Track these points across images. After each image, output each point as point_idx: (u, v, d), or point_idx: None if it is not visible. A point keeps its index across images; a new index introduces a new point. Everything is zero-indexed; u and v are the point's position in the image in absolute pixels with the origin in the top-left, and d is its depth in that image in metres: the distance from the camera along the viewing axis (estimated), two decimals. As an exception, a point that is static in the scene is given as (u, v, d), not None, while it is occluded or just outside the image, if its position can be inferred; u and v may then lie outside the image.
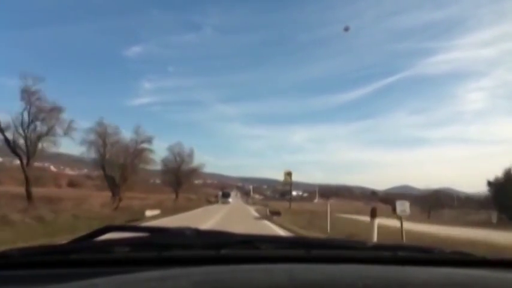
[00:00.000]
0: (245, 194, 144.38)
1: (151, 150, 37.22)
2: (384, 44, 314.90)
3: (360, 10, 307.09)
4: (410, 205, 10.99)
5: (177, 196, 52.24)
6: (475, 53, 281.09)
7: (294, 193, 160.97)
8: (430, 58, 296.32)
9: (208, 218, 22.53)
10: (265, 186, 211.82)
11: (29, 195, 24.28)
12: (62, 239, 5.71)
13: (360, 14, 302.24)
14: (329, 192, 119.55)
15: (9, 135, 24.29)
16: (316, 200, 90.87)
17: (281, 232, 15.37)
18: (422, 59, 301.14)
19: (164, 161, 51.96)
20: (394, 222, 13.43)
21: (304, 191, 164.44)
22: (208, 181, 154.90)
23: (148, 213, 22.35)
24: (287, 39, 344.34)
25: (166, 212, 25.67)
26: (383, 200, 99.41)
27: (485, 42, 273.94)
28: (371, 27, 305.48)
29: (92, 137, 32.03)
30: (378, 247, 1.28)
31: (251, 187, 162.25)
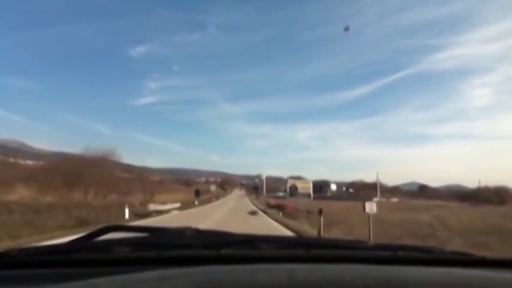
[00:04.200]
0: (254, 190, 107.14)
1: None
2: (388, 41, 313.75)
3: (364, 7, 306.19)
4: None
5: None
6: (480, 49, 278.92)
7: (333, 187, 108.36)
8: (435, 55, 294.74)
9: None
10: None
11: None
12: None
13: (364, 12, 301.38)
14: (364, 188, 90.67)
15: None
16: (376, 199, 59.61)
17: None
18: (427, 56, 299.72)
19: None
20: None
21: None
22: (211, 179, 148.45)
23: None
24: (291, 37, 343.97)
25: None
26: (480, 199, 58.21)
27: (490, 38, 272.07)
28: (375, 25, 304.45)
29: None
30: (377, 247, 1.28)
31: (264, 178, 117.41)
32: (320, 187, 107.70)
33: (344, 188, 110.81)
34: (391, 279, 0.75)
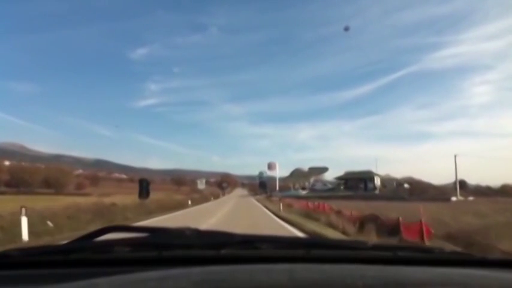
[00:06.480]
0: (260, 187, 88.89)
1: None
2: (389, 40, 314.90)
3: (364, 7, 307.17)
4: None
5: None
6: (481, 46, 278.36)
7: (377, 182, 74.53)
8: (435, 53, 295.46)
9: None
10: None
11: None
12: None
13: (364, 11, 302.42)
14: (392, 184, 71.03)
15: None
16: (455, 198, 46.94)
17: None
18: (428, 54, 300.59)
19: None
20: None
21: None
22: (212, 179, 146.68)
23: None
24: (292, 37, 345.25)
25: None
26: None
27: (491, 36, 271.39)
28: (376, 24, 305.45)
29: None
30: (377, 247, 1.28)
31: (277, 169, 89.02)
32: (364, 181, 70.96)
33: (395, 184, 75.34)
34: (391, 279, 0.75)
